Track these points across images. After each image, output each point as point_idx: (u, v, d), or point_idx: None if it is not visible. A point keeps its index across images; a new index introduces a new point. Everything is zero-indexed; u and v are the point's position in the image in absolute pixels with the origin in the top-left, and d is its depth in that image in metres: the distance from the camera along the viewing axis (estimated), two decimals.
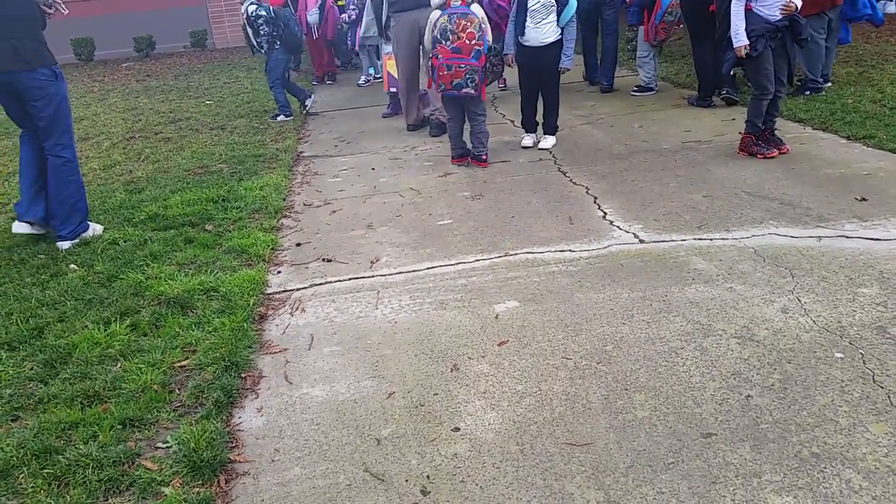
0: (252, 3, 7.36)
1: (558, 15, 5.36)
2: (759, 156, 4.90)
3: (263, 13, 7.33)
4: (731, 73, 6.88)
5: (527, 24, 5.47)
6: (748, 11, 4.69)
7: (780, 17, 4.64)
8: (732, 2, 4.71)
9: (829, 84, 6.58)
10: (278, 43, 7.51)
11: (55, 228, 4.35)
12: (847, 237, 3.54)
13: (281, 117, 7.75)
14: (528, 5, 5.44)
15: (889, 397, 2.33)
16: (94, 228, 4.51)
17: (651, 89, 7.46)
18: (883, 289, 3.01)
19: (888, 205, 3.88)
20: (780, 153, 4.91)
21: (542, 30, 5.43)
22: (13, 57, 4.03)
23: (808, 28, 5.02)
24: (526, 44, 5.53)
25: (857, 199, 3.99)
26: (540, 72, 5.56)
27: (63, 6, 4.33)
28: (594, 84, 8.27)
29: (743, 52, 4.71)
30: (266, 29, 7.41)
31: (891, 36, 8.72)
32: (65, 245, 4.32)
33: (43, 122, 4.19)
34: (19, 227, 4.36)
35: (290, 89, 8.12)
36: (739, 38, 4.68)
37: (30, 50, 4.08)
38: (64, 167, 4.28)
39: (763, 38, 4.64)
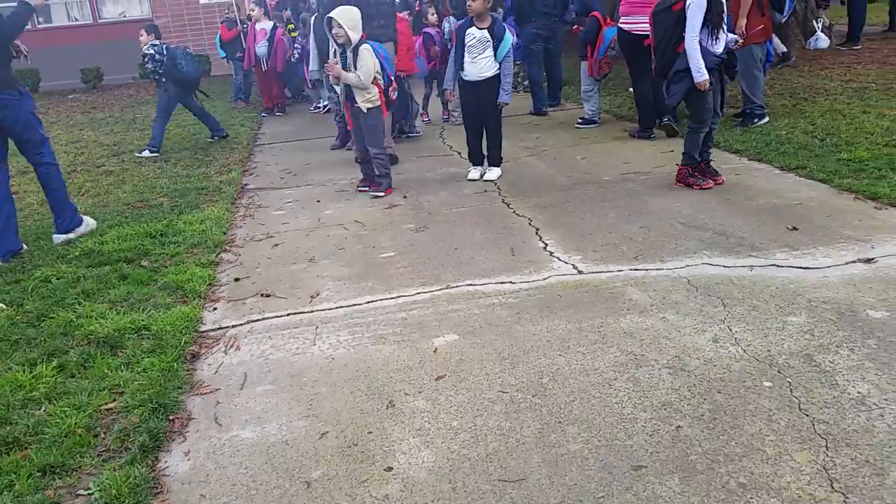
0: (152, 43, 7.85)
1: (495, 50, 5.47)
2: (695, 187, 5.01)
3: (151, 51, 7.80)
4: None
5: (465, 59, 5.57)
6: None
7: (722, 51, 4.84)
8: (687, 39, 4.79)
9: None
10: (164, 79, 7.92)
11: (55, 225, 4.94)
12: (778, 266, 3.63)
13: (146, 153, 7.90)
14: (465, 41, 5.54)
15: (813, 425, 2.38)
16: (88, 222, 5.05)
17: (594, 122, 7.61)
18: (811, 317, 3.09)
19: (817, 234, 4.00)
20: (715, 184, 5.03)
21: (479, 64, 5.53)
22: None
23: (748, 58, 5.35)
24: (466, 78, 5.64)
25: (788, 228, 4.11)
26: (481, 105, 5.64)
27: (24, 50, 4.81)
28: (540, 115, 8.44)
29: (707, 86, 4.83)
30: (150, 66, 7.94)
31: (822, 70, 9.08)
32: (59, 238, 4.87)
33: (17, 138, 4.67)
34: None
35: (206, 120, 8.46)
36: (702, 72, 4.78)
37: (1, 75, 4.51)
38: (49, 170, 4.87)
39: (712, 72, 4.83)
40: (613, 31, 7.08)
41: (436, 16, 8.51)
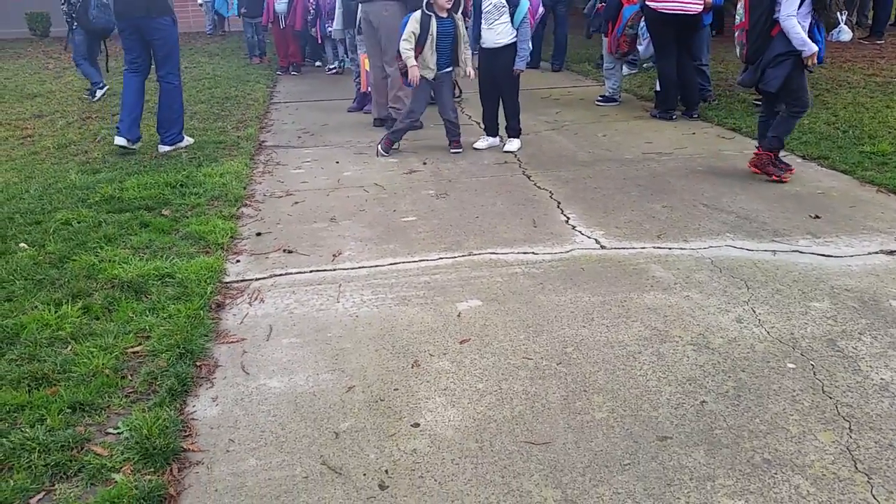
0: None
1: (511, 16, 5.42)
2: (773, 177, 4.74)
3: None
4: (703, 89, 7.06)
5: (481, 26, 5.54)
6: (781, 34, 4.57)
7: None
8: (782, 17, 4.51)
9: None
10: (75, 24, 7.93)
11: (160, 136, 5.86)
12: (801, 252, 3.64)
13: (98, 93, 8.01)
14: (482, 7, 5.50)
15: (837, 407, 2.41)
16: (187, 140, 6.01)
17: (615, 100, 7.57)
18: (833, 304, 3.11)
19: (840, 223, 4.00)
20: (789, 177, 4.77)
21: (495, 30, 5.50)
22: (146, 8, 5.46)
23: None
24: (483, 45, 5.61)
25: (810, 216, 4.11)
26: (496, 74, 5.61)
27: None
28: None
29: (815, 60, 4.58)
30: (64, 8, 7.95)
31: (844, 62, 9.02)
32: (164, 148, 5.81)
33: (160, 56, 5.66)
34: (120, 141, 5.69)
35: (88, 72, 8.39)
36: (808, 44, 4.51)
37: (157, 3, 5.52)
38: (173, 90, 5.79)
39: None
40: (633, 8, 7.00)
41: None
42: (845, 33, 11.10)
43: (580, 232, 4.01)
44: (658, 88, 6.88)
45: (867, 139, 5.55)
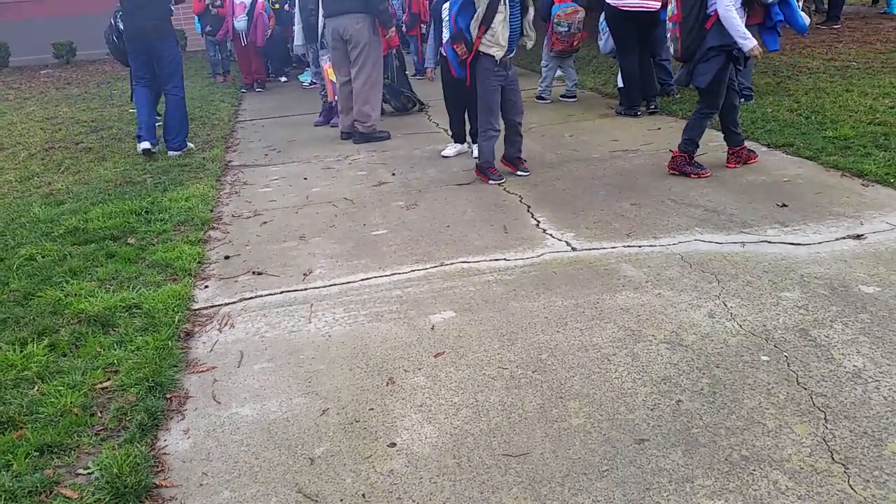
0: None
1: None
2: (692, 176, 4.78)
3: None
4: (660, 85, 7.12)
5: (443, 35, 5.51)
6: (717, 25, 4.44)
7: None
8: (720, 6, 4.37)
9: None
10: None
11: (167, 143, 6.53)
12: (769, 242, 3.67)
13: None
14: (442, 17, 5.48)
15: (812, 398, 2.41)
16: (189, 145, 6.72)
17: (543, 98, 7.83)
18: (804, 292, 3.12)
19: (807, 210, 4.04)
20: (739, 164, 4.85)
21: None
22: (155, 31, 6.21)
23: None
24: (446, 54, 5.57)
25: (778, 205, 4.14)
26: (461, 83, 5.56)
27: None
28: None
29: (757, 52, 4.47)
30: None
31: (803, 48, 9.13)
32: (175, 154, 6.46)
33: (167, 72, 6.38)
34: (144, 145, 6.32)
35: None
36: (748, 37, 4.38)
37: (164, 28, 6.28)
38: (179, 101, 6.47)
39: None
40: (557, 7, 7.11)
41: None
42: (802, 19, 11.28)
43: (551, 235, 4.01)
44: (621, 85, 6.91)
45: (829, 124, 5.61)
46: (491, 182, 5.01)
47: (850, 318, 2.89)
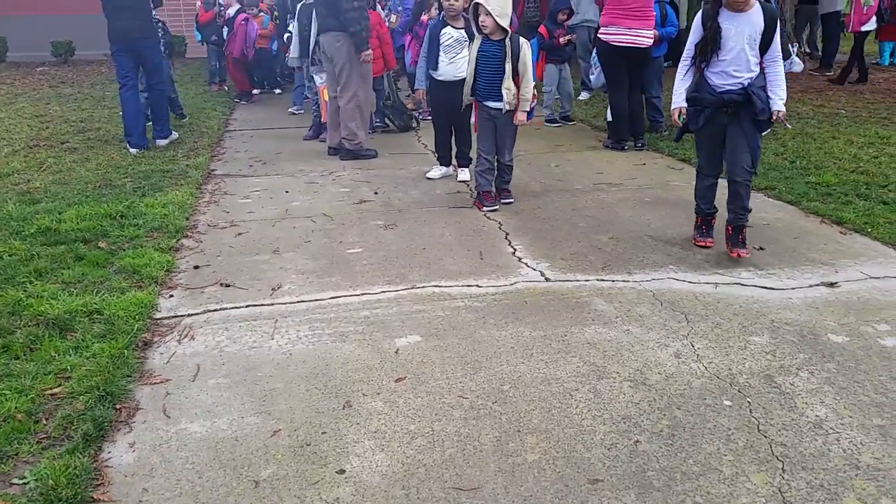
0: None
1: None
2: (696, 242, 4.19)
3: None
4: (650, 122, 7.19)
5: (440, 59, 5.52)
6: (699, 76, 3.94)
7: (729, 87, 3.85)
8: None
9: None
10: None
11: (154, 133, 7.08)
12: (742, 284, 3.64)
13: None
14: (441, 41, 5.49)
15: (771, 447, 2.37)
16: (174, 134, 7.26)
17: (554, 121, 8.05)
18: (773, 338, 3.09)
19: (783, 255, 4.02)
20: (734, 256, 3.94)
21: (457, 64, 5.49)
22: (140, 31, 6.56)
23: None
24: (439, 78, 5.59)
25: (754, 247, 4.12)
26: (453, 106, 5.55)
27: None
28: None
29: (676, 117, 4.04)
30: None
31: (794, 94, 9.21)
32: (162, 143, 7.01)
33: (150, 68, 6.86)
34: (133, 151, 6.65)
35: None
36: (676, 99, 4.02)
37: (148, 27, 6.68)
38: (161, 95, 7.07)
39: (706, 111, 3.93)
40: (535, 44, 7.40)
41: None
42: (797, 65, 11.43)
43: (526, 264, 3.97)
44: (610, 119, 6.94)
45: (813, 170, 5.63)
46: (484, 209, 4.97)
47: (817, 366, 2.86)
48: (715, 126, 3.98)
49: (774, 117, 3.89)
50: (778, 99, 3.88)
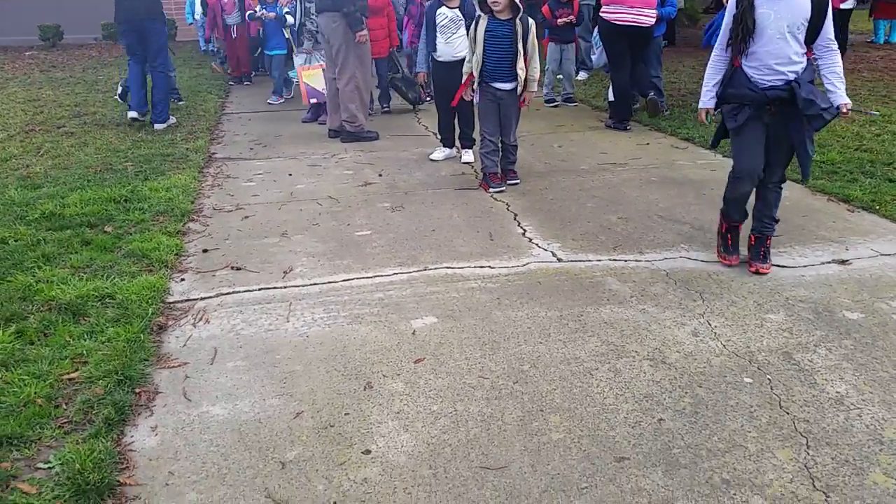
0: None
1: (467, 28, 5.36)
2: (722, 260, 3.68)
3: None
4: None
5: (437, 40, 5.48)
6: (735, 69, 3.43)
7: (772, 82, 3.36)
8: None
9: None
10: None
11: (152, 116, 7.08)
12: None
13: None
14: (437, 22, 5.45)
15: (794, 423, 2.38)
16: (172, 119, 7.29)
17: (553, 101, 8.08)
18: (788, 315, 3.10)
19: (794, 233, 4.03)
20: (752, 271, 3.55)
21: (453, 44, 5.46)
22: (146, 12, 6.75)
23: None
24: (439, 59, 5.55)
25: None
26: (453, 86, 5.50)
27: None
28: None
29: (704, 117, 3.62)
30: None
31: None
32: (160, 127, 7.01)
33: (154, 50, 6.90)
34: (132, 114, 7.02)
35: None
36: (703, 99, 3.58)
37: (154, 9, 6.85)
38: (163, 77, 7.05)
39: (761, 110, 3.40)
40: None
41: None
42: None
43: (537, 245, 3.96)
44: (612, 99, 6.91)
45: (818, 148, 5.62)
46: (490, 190, 4.94)
47: (834, 343, 2.87)
48: (757, 126, 3.42)
49: (844, 110, 3.40)
50: (840, 91, 3.39)
